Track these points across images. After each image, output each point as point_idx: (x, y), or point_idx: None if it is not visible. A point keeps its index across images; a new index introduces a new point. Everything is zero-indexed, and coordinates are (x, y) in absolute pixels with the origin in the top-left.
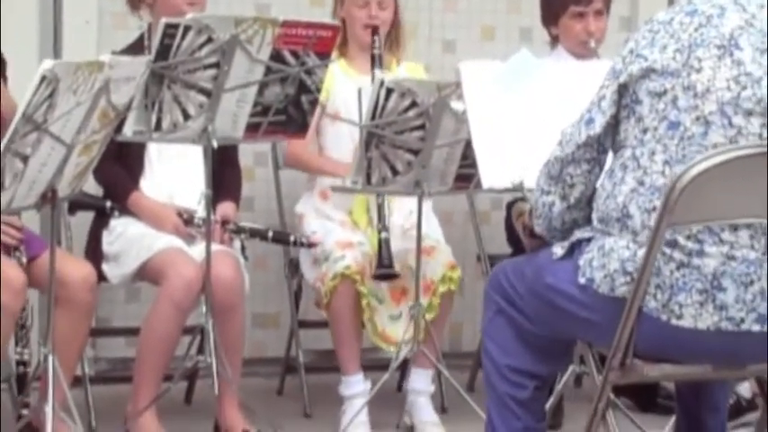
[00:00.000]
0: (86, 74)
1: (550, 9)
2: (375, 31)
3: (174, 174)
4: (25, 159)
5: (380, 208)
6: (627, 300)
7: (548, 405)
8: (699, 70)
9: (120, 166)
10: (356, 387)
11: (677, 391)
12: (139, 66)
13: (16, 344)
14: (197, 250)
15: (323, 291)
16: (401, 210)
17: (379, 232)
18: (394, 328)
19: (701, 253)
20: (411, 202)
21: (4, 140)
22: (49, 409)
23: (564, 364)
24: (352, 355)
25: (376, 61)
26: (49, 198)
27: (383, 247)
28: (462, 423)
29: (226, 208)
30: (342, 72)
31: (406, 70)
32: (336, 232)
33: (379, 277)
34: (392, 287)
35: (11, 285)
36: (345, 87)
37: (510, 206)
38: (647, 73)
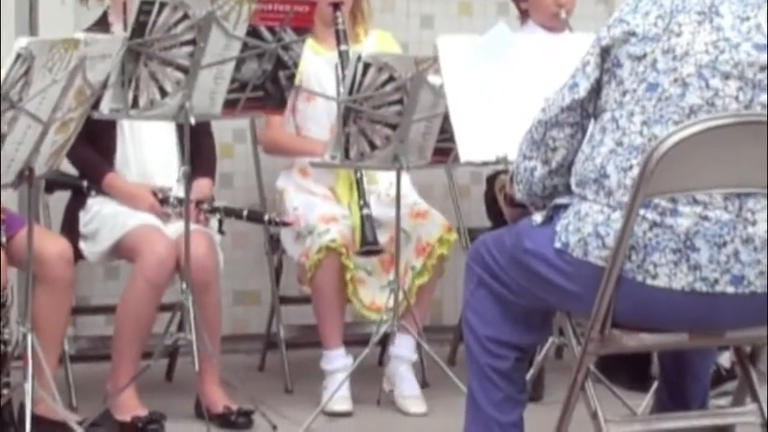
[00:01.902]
0: (62, 51)
1: None
2: (337, 7)
3: (147, 151)
4: (1, 137)
5: (359, 183)
6: (601, 267)
7: (528, 376)
8: (678, 35)
9: (93, 146)
10: (337, 362)
11: (659, 360)
12: (115, 43)
13: None
14: (172, 228)
15: (307, 265)
16: (385, 179)
17: (361, 209)
18: (384, 296)
19: (674, 212)
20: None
21: None
22: (28, 387)
23: (544, 335)
24: (335, 330)
25: (340, 37)
26: (26, 176)
27: (365, 223)
28: (443, 397)
29: (202, 186)
30: (311, 50)
31: (376, 40)
32: (319, 207)
33: (363, 254)
34: (381, 257)
35: None
36: (316, 65)
37: (491, 179)
38: (628, 37)
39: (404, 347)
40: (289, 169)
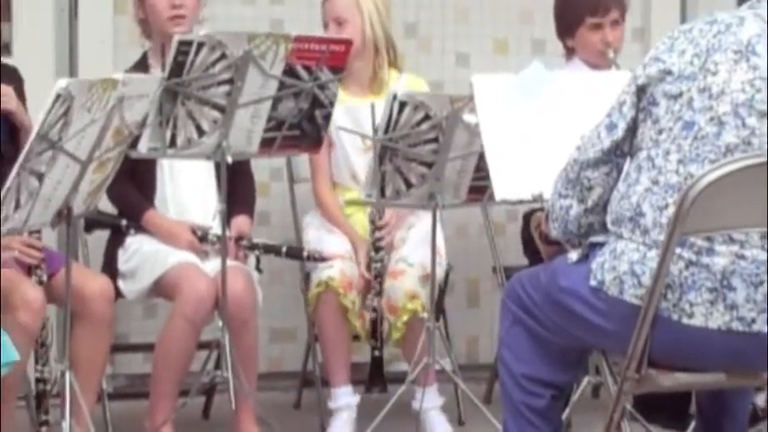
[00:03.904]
0: (100, 91)
1: (566, 21)
2: None
3: (187, 190)
4: (41, 177)
5: (376, 322)
6: (636, 305)
7: (564, 415)
8: (715, 73)
9: (133, 184)
10: (341, 399)
11: (696, 399)
12: (153, 83)
13: (36, 362)
14: (211, 265)
15: (310, 299)
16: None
17: (373, 350)
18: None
19: (710, 251)
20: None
21: (20, 158)
22: (66, 425)
23: (580, 373)
24: (340, 367)
25: None
26: (64, 215)
27: (374, 366)
28: None
29: (240, 224)
30: None
31: (406, 83)
32: (328, 243)
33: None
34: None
35: (30, 306)
36: (336, 113)
37: (527, 217)
38: (664, 75)
39: (427, 399)
40: (315, 207)
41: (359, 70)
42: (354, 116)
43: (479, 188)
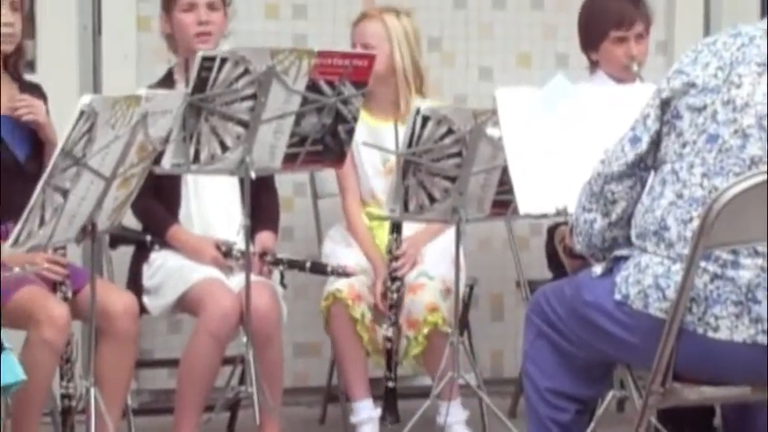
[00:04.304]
0: (124, 108)
1: (590, 35)
2: None
3: (211, 205)
4: (65, 193)
5: (390, 350)
6: (661, 319)
7: (589, 430)
8: (739, 86)
9: (158, 199)
10: (362, 413)
11: (722, 412)
12: (176, 99)
13: (61, 378)
14: (235, 281)
15: (322, 313)
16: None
17: (386, 380)
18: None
19: (735, 264)
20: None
21: (45, 175)
22: None
23: (605, 387)
24: (357, 380)
25: None
26: (88, 231)
27: (388, 397)
28: None
29: (265, 239)
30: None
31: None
32: (342, 256)
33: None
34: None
35: (55, 322)
36: (359, 133)
37: (551, 231)
38: (688, 88)
39: (451, 414)
40: (340, 221)
41: (383, 95)
42: (377, 137)
43: (503, 202)
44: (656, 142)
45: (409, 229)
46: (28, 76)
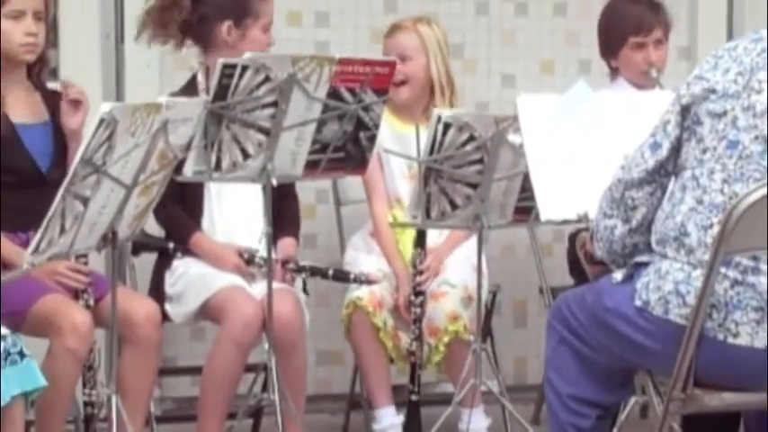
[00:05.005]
0: (144, 115)
1: (609, 41)
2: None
3: (234, 212)
4: (85, 201)
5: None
6: (682, 325)
7: None
8: (759, 92)
9: (181, 206)
10: (385, 421)
11: (744, 419)
12: (196, 106)
13: (84, 386)
14: (258, 288)
15: (343, 321)
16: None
17: (410, 393)
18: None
19: (756, 270)
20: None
21: (65, 183)
22: None
23: (626, 393)
24: (379, 387)
25: None
26: (109, 239)
27: (411, 412)
28: None
29: (287, 246)
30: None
31: None
32: (364, 263)
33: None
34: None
35: (78, 330)
36: (385, 137)
37: (573, 237)
38: (708, 94)
39: (473, 421)
40: (362, 228)
41: (414, 102)
42: (402, 142)
43: (525, 209)
44: (676, 148)
45: (432, 235)
46: (51, 85)
